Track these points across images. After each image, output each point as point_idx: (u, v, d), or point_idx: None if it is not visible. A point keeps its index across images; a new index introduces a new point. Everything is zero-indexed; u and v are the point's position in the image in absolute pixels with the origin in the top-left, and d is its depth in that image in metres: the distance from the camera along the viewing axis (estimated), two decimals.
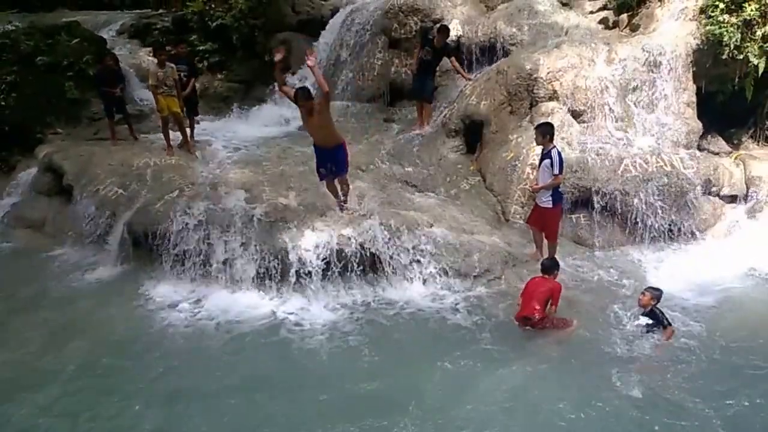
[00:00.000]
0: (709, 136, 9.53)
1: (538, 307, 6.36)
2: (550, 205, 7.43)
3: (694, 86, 9.26)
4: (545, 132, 7.36)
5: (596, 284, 7.48)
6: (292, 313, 6.82)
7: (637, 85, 9.14)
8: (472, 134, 9.37)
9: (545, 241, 7.66)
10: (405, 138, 9.73)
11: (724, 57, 8.87)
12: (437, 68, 9.98)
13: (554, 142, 7.45)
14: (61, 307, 7.09)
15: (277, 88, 7.08)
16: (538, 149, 7.72)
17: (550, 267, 6.73)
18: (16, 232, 8.93)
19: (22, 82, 10.29)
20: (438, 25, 9.93)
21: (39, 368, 5.87)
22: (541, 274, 6.70)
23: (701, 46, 9.14)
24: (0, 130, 9.89)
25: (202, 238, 7.44)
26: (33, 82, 10.34)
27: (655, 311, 6.34)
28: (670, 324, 6.27)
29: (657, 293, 6.44)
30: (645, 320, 6.35)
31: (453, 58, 9.80)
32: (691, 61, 9.20)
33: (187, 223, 7.53)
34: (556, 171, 7.22)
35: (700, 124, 9.22)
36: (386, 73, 10.82)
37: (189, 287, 7.32)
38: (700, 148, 9.26)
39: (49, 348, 6.21)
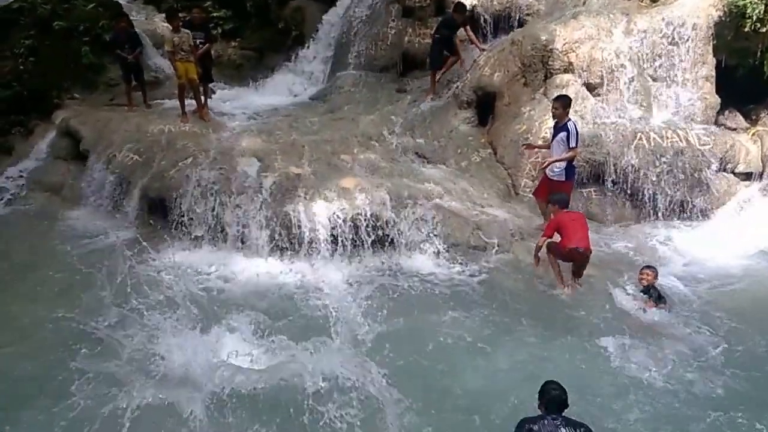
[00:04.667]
0: (727, 111, 9.36)
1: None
2: (563, 179, 7.42)
3: (714, 60, 9.08)
4: (566, 104, 7.32)
5: (606, 259, 7.48)
6: (304, 281, 6.93)
7: (655, 58, 8.98)
8: (485, 106, 9.30)
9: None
10: (420, 108, 9.67)
11: (746, 30, 8.66)
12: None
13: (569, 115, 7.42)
14: (76, 269, 7.23)
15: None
16: (551, 122, 7.68)
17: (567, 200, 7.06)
18: (34, 195, 9.07)
19: (39, 46, 10.31)
20: (453, 4, 9.77)
21: (52, 323, 6.08)
22: (559, 209, 6.88)
23: (723, 18, 8.92)
24: (18, 95, 9.98)
25: (216, 205, 7.55)
26: (50, 46, 10.36)
27: (655, 287, 6.45)
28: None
29: (657, 270, 6.58)
30: (645, 297, 6.47)
31: (467, 28, 9.67)
32: (711, 34, 9.01)
33: (200, 191, 7.64)
34: (573, 144, 7.19)
35: (718, 99, 9.07)
36: (399, 43, 10.66)
37: (202, 253, 7.45)
38: (717, 124, 9.13)
39: (62, 306, 6.34)
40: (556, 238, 6.77)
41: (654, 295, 6.42)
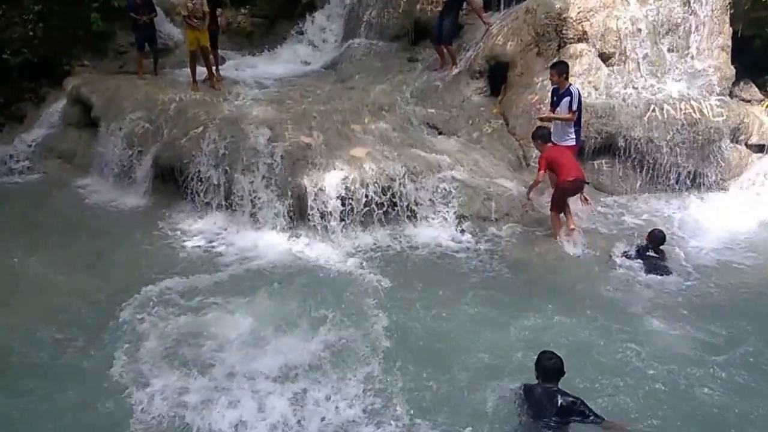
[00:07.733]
0: (742, 82, 9.27)
1: None
2: (573, 143, 7.42)
3: (731, 30, 8.94)
4: (562, 71, 7.32)
5: (615, 231, 7.51)
6: (312, 251, 6.98)
7: (670, 28, 8.84)
8: (497, 76, 9.21)
9: None
10: (429, 79, 9.59)
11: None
12: (461, 8, 9.67)
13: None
14: (88, 235, 7.35)
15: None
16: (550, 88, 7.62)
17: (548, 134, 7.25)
18: (47, 163, 9.14)
19: (48, 13, 10.23)
20: None
21: (67, 289, 6.22)
22: (542, 143, 7.13)
23: None
24: (28, 62, 9.97)
25: (225, 174, 7.57)
26: (59, 13, 10.27)
27: (654, 250, 6.66)
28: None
29: (658, 235, 6.73)
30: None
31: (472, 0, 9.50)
32: (729, 3, 8.86)
33: (210, 160, 7.66)
34: (575, 107, 7.18)
35: (733, 70, 8.96)
36: (411, 11, 10.49)
37: (212, 222, 7.53)
38: (731, 95, 9.05)
39: (75, 272, 6.52)
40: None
41: (647, 254, 6.62)
